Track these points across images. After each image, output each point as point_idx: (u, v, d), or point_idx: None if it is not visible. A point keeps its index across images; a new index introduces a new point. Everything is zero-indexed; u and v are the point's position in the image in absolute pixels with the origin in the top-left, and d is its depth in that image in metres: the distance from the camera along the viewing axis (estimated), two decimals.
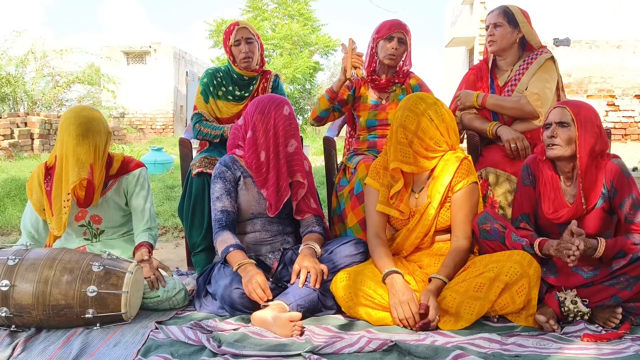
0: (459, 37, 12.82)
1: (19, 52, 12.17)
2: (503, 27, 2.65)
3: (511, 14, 2.66)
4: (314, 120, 2.89)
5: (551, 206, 2.07)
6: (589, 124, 1.99)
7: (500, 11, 2.68)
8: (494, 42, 2.69)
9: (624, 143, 9.86)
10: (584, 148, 1.98)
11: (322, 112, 2.82)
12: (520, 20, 2.66)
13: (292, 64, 17.63)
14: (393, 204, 2.19)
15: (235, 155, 2.32)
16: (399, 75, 2.79)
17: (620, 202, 1.98)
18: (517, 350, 1.71)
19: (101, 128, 2.22)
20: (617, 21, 10.08)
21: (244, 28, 2.74)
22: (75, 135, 2.15)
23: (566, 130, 2.01)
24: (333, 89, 2.74)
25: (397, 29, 2.71)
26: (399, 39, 2.71)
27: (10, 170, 6.87)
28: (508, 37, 2.66)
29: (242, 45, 2.73)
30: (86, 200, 2.23)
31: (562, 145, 2.01)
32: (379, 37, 2.74)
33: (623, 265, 1.87)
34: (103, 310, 1.95)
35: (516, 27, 2.66)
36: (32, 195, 2.26)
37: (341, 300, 2.04)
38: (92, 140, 2.18)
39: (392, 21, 2.75)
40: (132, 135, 14.68)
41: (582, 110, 2.02)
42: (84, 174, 2.15)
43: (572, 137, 2.00)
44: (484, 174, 2.55)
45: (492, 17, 2.70)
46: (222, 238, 2.17)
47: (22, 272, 1.93)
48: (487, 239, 2.09)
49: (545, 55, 2.65)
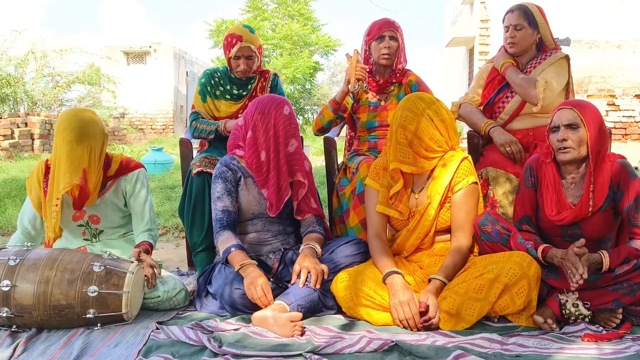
0: (459, 37, 12.81)
1: (18, 52, 12.16)
2: (525, 29, 2.63)
3: (531, 15, 2.63)
4: (318, 131, 2.87)
5: (554, 208, 2.04)
6: (597, 124, 1.96)
7: (521, 12, 2.63)
8: (515, 44, 2.65)
9: (624, 143, 9.85)
10: (595, 149, 1.95)
11: (327, 124, 2.81)
12: (540, 21, 2.64)
13: (292, 64, 17.61)
14: (392, 205, 2.19)
15: (236, 156, 2.32)
16: (395, 74, 2.79)
17: (626, 204, 1.94)
18: (518, 350, 1.71)
19: (96, 131, 2.20)
20: (617, 21, 10.08)
21: (246, 46, 2.67)
22: (69, 141, 2.14)
23: (576, 132, 1.96)
24: (336, 100, 2.72)
25: (387, 27, 2.71)
26: (390, 37, 2.70)
27: (10, 171, 6.87)
28: (528, 39, 2.65)
29: (242, 61, 2.71)
30: (80, 202, 2.22)
31: (575, 147, 1.96)
32: (371, 39, 2.74)
33: (627, 271, 1.86)
34: (104, 311, 1.95)
35: (536, 29, 2.65)
36: (31, 191, 2.26)
37: (342, 301, 2.04)
38: (86, 144, 2.16)
39: (380, 21, 2.75)
40: (133, 136, 14.67)
41: (588, 110, 1.98)
42: (75, 180, 2.14)
43: (583, 139, 1.95)
44: (485, 174, 2.55)
45: (513, 18, 2.65)
46: (224, 238, 2.17)
47: (23, 272, 1.93)
48: (488, 241, 2.09)
49: (560, 54, 2.65)
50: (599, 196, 1.97)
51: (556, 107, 2.08)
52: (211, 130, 2.72)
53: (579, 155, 1.97)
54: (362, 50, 2.81)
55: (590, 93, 10.20)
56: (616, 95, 10.22)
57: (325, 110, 2.78)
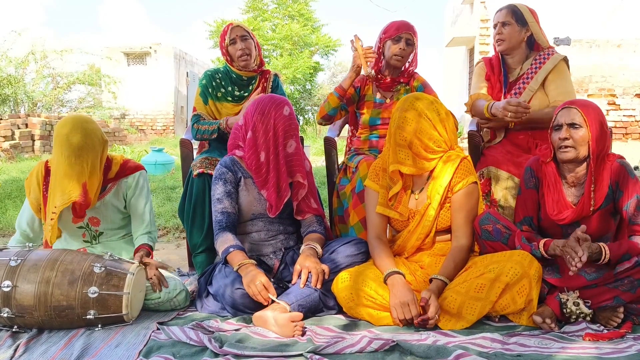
0: (459, 36, 12.80)
1: (19, 53, 12.16)
2: (511, 25, 2.64)
3: (519, 13, 2.65)
4: (322, 119, 2.88)
5: (555, 207, 2.05)
6: (599, 123, 1.96)
7: (509, 10, 2.66)
8: (503, 40, 2.67)
9: (625, 142, 9.84)
10: (596, 149, 1.95)
11: (331, 111, 2.81)
12: (529, 19, 2.65)
13: (293, 64, 17.59)
14: (392, 206, 2.19)
15: (236, 157, 2.32)
16: (403, 75, 2.80)
17: (625, 203, 1.95)
18: (519, 349, 1.71)
19: (95, 141, 2.16)
20: (618, 20, 10.06)
21: (237, 27, 2.75)
22: (67, 156, 2.11)
23: (578, 132, 1.96)
24: (342, 86, 2.74)
25: (405, 29, 2.71)
26: (407, 39, 2.71)
27: (11, 172, 6.88)
28: (516, 36, 2.65)
29: (238, 43, 2.73)
30: (80, 211, 2.19)
31: (576, 147, 1.96)
32: (387, 37, 2.73)
33: (628, 268, 1.86)
34: (104, 312, 1.95)
35: (524, 26, 2.65)
36: (30, 193, 2.25)
37: (342, 301, 2.04)
38: (85, 158, 2.13)
39: (400, 22, 2.74)
40: (133, 136, 14.67)
41: (591, 110, 1.98)
42: (74, 196, 2.12)
43: (584, 138, 1.95)
44: (486, 173, 2.54)
45: (500, 16, 2.68)
46: (223, 239, 2.17)
47: (24, 273, 1.93)
48: (488, 240, 2.09)
49: (559, 55, 2.64)
50: (599, 195, 1.97)
51: (560, 105, 2.07)
52: (213, 129, 2.71)
53: (580, 155, 1.98)
54: (375, 46, 2.80)
55: (591, 92, 10.19)
56: (617, 94, 10.20)
57: (331, 96, 2.78)
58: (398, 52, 2.70)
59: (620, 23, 10.12)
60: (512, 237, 2.06)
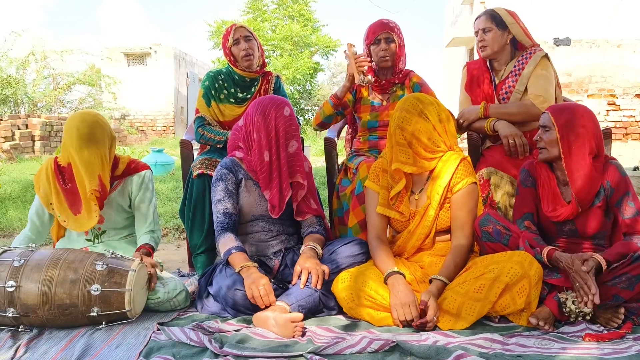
0: (459, 37, 12.81)
1: (19, 54, 12.17)
2: (492, 31, 2.66)
3: (498, 17, 2.66)
4: (317, 126, 2.88)
5: (550, 205, 2.10)
6: (572, 125, 2.03)
7: (488, 15, 2.68)
8: (486, 47, 2.69)
9: (625, 142, 9.84)
10: (567, 149, 2.03)
11: (326, 118, 2.82)
12: (509, 21, 2.66)
13: (293, 64, 17.60)
14: (393, 206, 2.19)
15: (236, 157, 2.32)
16: (398, 75, 2.79)
17: (617, 200, 2.03)
18: (519, 350, 1.72)
19: (105, 136, 2.25)
20: (617, 20, 10.06)
21: (241, 27, 2.77)
22: (78, 148, 2.19)
23: (547, 134, 2.09)
24: (337, 95, 2.73)
25: (381, 30, 2.71)
26: (386, 38, 2.71)
27: (11, 172, 6.88)
28: (499, 40, 2.67)
29: (242, 44, 2.74)
30: (99, 202, 2.24)
31: (547, 147, 2.09)
32: (368, 44, 2.75)
33: (624, 263, 1.88)
34: (108, 309, 1.96)
35: (505, 29, 2.66)
36: (40, 188, 2.28)
37: (343, 301, 2.04)
38: (95, 151, 2.21)
39: (375, 24, 2.75)
40: (133, 137, 14.69)
41: (565, 113, 2.07)
42: (94, 185, 2.19)
43: (553, 140, 2.06)
44: (485, 174, 2.55)
45: (480, 23, 2.70)
46: (225, 240, 2.17)
47: (27, 272, 1.94)
48: (489, 241, 2.10)
49: (540, 53, 2.66)
50: (587, 194, 2.03)
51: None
52: (220, 140, 2.72)
53: (551, 155, 2.09)
54: (364, 54, 2.80)
55: (591, 92, 10.19)
56: (616, 94, 10.21)
57: (326, 104, 2.79)
58: (382, 54, 2.71)
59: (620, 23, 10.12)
60: (513, 238, 2.07)
